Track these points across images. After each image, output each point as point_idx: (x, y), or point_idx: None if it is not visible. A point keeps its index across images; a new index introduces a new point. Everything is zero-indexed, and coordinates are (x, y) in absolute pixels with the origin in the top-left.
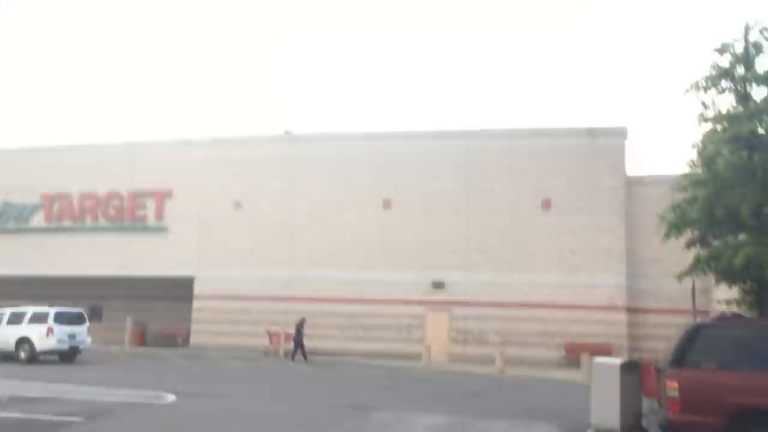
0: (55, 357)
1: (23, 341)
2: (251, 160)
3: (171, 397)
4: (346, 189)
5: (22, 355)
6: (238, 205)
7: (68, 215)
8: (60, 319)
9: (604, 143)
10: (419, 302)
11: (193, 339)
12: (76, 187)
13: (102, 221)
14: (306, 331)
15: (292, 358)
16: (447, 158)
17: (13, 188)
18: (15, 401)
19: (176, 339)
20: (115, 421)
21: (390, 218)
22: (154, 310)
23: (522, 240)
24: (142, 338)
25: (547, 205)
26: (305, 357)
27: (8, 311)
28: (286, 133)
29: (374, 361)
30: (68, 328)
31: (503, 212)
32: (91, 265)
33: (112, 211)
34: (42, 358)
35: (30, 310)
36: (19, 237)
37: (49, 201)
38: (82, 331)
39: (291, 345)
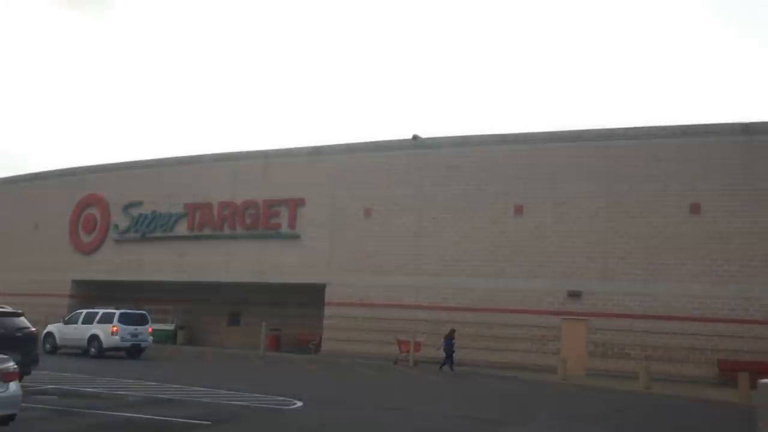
0: (123, 354)
1: (93, 338)
2: (380, 167)
3: (297, 404)
4: (476, 194)
5: (92, 350)
6: (367, 212)
7: (209, 223)
8: (124, 319)
9: (763, 141)
10: (554, 312)
11: (325, 345)
12: (216, 197)
13: (239, 229)
14: (456, 341)
15: (441, 367)
16: (583, 160)
17: (160, 198)
18: (149, 403)
19: (309, 345)
20: (240, 427)
21: (522, 225)
22: (288, 316)
23: (667, 247)
24: (277, 343)
25: (696, 208)
26: (451, 368)
27: (84, 312)
28: (414, 138)
29: (505, 373)
30: (131, 328)
31: (646, 217)
32: (230, 272)
33: (248, 220)
34: (108, 354)
35: (101, 311)
36: (165, 245)
37: (192, 210)
38: (144, 330)
39: (419, 354)
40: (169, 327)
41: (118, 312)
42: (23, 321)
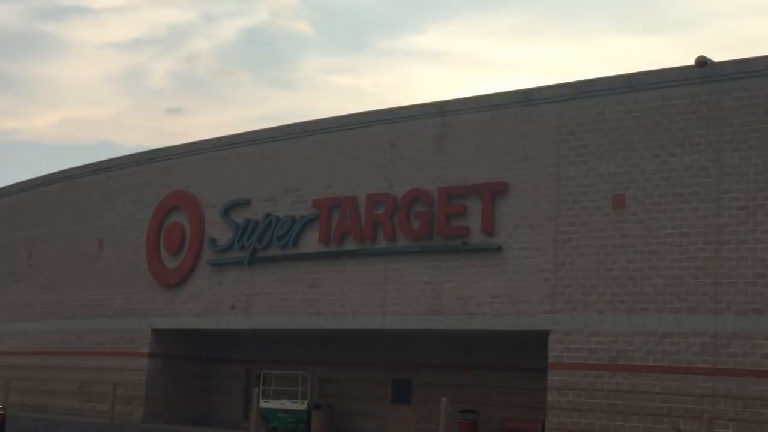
0: None
1: None
2: (639, 120)
3: None
4: None
5: None
6: (618, 201)
7: (353, 231)
8: None
9: None
10: None
11: None
12: (363, 186)
13: (402, 239)
14: None
15: None
16: None
17: (278, 194)
18: None
19: None
20: None
21: None
22: (488, 388)
23: None
24: None
25: None
26: None
27: None
28: (701, 63)
29: None
30: None
31: None
32: (388, 312)
33: (415, 223)
34: None
35: None
36: (286, 269)
37: (326, 210)
38: None
39: None
40: (300, 406)
41: None
42: None
